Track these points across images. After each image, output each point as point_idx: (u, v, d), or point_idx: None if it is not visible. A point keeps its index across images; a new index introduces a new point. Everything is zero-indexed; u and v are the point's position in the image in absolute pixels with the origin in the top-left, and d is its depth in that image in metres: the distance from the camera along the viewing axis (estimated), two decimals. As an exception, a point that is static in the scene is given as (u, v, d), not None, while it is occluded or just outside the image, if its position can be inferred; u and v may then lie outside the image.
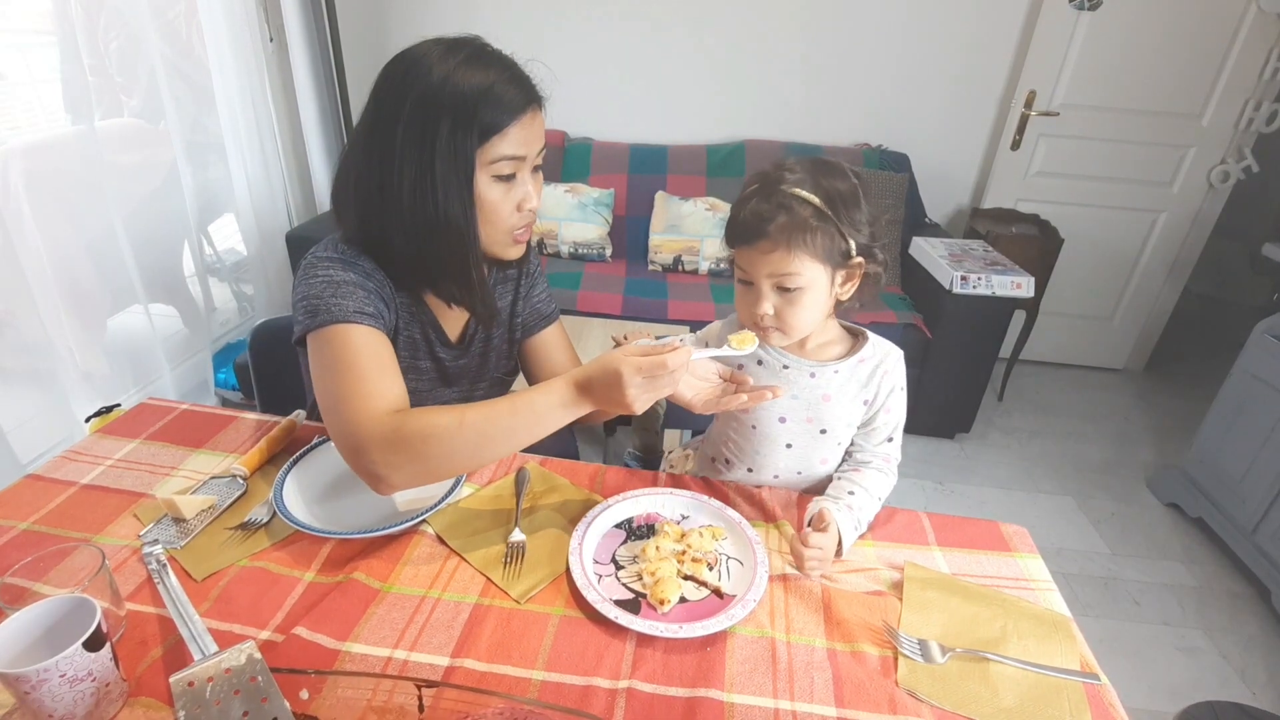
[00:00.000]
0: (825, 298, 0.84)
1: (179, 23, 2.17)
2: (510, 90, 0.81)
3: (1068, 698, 0.68)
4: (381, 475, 0.76)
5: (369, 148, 0.83)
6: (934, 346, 2.29)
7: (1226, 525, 1.97)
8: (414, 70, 0.80)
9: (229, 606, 0.72)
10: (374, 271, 0.88)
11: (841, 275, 0.84)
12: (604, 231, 2.64)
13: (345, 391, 0.79)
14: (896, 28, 2.60)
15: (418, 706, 0.59)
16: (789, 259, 0.79)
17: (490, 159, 0.81)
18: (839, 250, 0.81)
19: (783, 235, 0.78)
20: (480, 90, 0.79)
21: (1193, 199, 2.67)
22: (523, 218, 0.87)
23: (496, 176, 0.83)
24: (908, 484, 2.24)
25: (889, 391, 0.91)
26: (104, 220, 1.91)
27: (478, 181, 0.82)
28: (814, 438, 0.92)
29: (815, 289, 0.82)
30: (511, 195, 0.85)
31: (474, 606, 0.73)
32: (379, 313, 0.86)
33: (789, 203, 0.79)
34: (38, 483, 0.87)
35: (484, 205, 0.83)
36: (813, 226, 0.78)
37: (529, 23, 2.69)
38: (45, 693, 0.54)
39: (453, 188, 0.81)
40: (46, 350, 1.74)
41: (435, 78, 0.79)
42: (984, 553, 0.87)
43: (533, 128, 0.83)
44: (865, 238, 0.82)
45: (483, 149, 0.81)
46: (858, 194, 0.82)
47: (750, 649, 0.71)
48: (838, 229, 0.79)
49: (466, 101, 0.78)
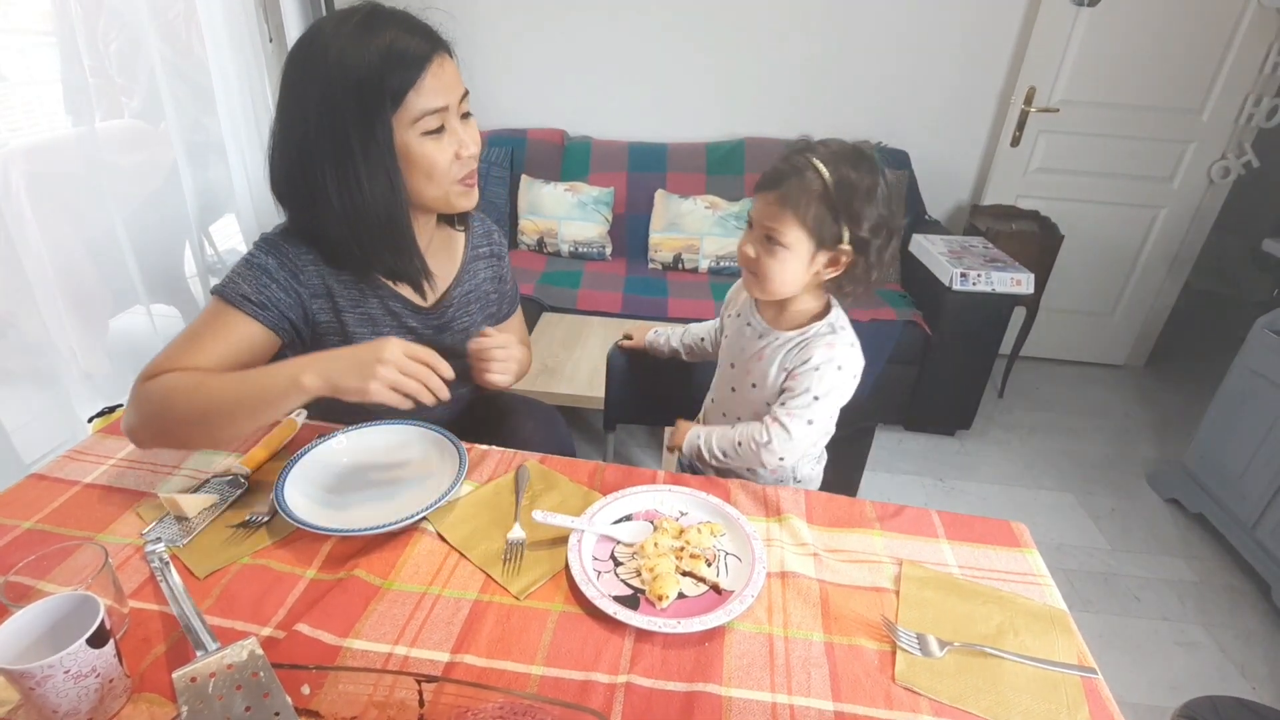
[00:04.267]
0: (804, 267, 0.89)
1: (178, 23, 2.17)
2: (411, 42, 0.80)
3: (1065, 692, 0.68)
4: (129, 425, 0.80)
5: (286, 145, 0.83)
6: (934, 343, 2.28)
7: (1227, 520, 1.97)
8: (311, 55, 0.80)
9: (231, 603, 0.72)
10: (299, 257, 0.89)
11: (827, 256, 0.88)
12: (604, 230, 2.64)
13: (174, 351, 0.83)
14: (896, 24, 2.60)
15: (418, 702, 0.60)
16: (781, 215, 0.86)
17: (412, 118, 0.81)
18: (830, 231, 0.85)
19: (786, 193, 0.85)
20: (380, 53, 0.78)
21: (1193, 194, 2.67)
22: (464, 165, 0.87)
23: (425, 133, 0.82)
24: (909, 480, 2.25)
25: (803, 363, 0.95)
26: (105, 221, 1.91)
27: (407, 144, 0.82)
28: (747, 390, 1.00)
29: (795, 254, 0.88)
30: (445, 146, 0.85)
31: (474, 603, 0.74)
32: (269, 302, 0.87)
33: (804, 169, 0.85)
34: (41, 482, 0.88)
35: (421, 164, 0.83)
36: (813, 198, 0.84)
37: (529, 23, 2.69)
38: (50, 689, 0.55)
39: (376, 169, 0.81)
40: (48, 351, 1.75)
41: (332, 57, 0.78)
42: (992, 547, 0.87)
43: (443, 75, 0.82)
44: (864, 232, 0.85)
45: (400, 112, 0.80)
46: (873, 192, 0.85)
47: (748, 644, 0.71)
48: (835, 212, 0.84)
49: (370, 71, 0.78)
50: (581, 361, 1.83)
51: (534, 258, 2.64)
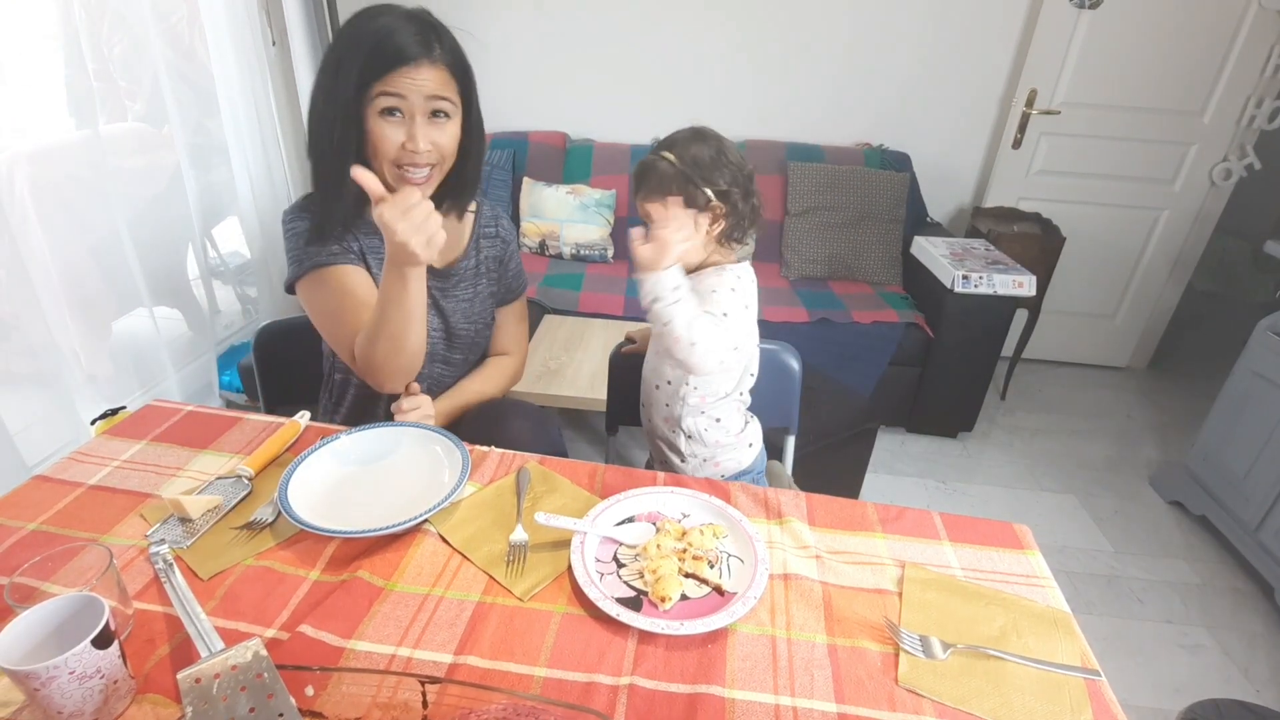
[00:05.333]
0: (693, 231, 1.04)
1: (182, 27, 2.18)
2: (406, 39, 0.91)
3: (1069, 694, 0.68)
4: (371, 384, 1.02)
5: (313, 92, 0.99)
6: (936, 346, 2.28)
7: (1229, 523, 1.97)
8: (345, 24, 0.96)
9: (235, 605, 0.72)
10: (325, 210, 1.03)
11: (707, 217, 1.05)
12: (605, 232, 2.65)
13: (331, 334, 1.05)
14: (897, 27, 2.60)
15: (422, 703, 0.60)
16: (655, 206, 1.04)
17: (374, 94, 0.93)
18: (697, 197, 1.03)
19: (650, 188, 1.04)
20: (378, 34, 0.91)
21: (1195, 196, 2.67)
22: (406, 156, 0.96)
23: (382, 110, 0.94)
24: (911, 483, 2.24)
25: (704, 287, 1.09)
26: (109, 224, 1.92)
27: (367, 115, 0.94)
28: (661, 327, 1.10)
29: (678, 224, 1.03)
30: (394, 132, 0.95)
31: (477, 604, 0.74)
32: (342, 249, 1.04)
33: (656, 164, 1.04)
34: (45, 484, 0.88)
35: (370, 136, 0.95)
36: (672, 180, 1.02)
37: (530, 25, 2.70)
38: (54, 690, 0.55)
39: (336, 114, 0.93)
40: (52, 353, 1.75)
41: (348, 25, 0.94)
42: (994, 549, 0.87)
43: (417, 75, 0.93)
44: (723, 186, 1.03)
45: (371, 85, 0.92)
46: (718, 157, 1.03)
47: (751, 646, 0.71)
48: (693, 181, 1.02)
49: (363, 42, 0.91)
50: (583, 364, 1.84)
51: (536, 260, 2.64)
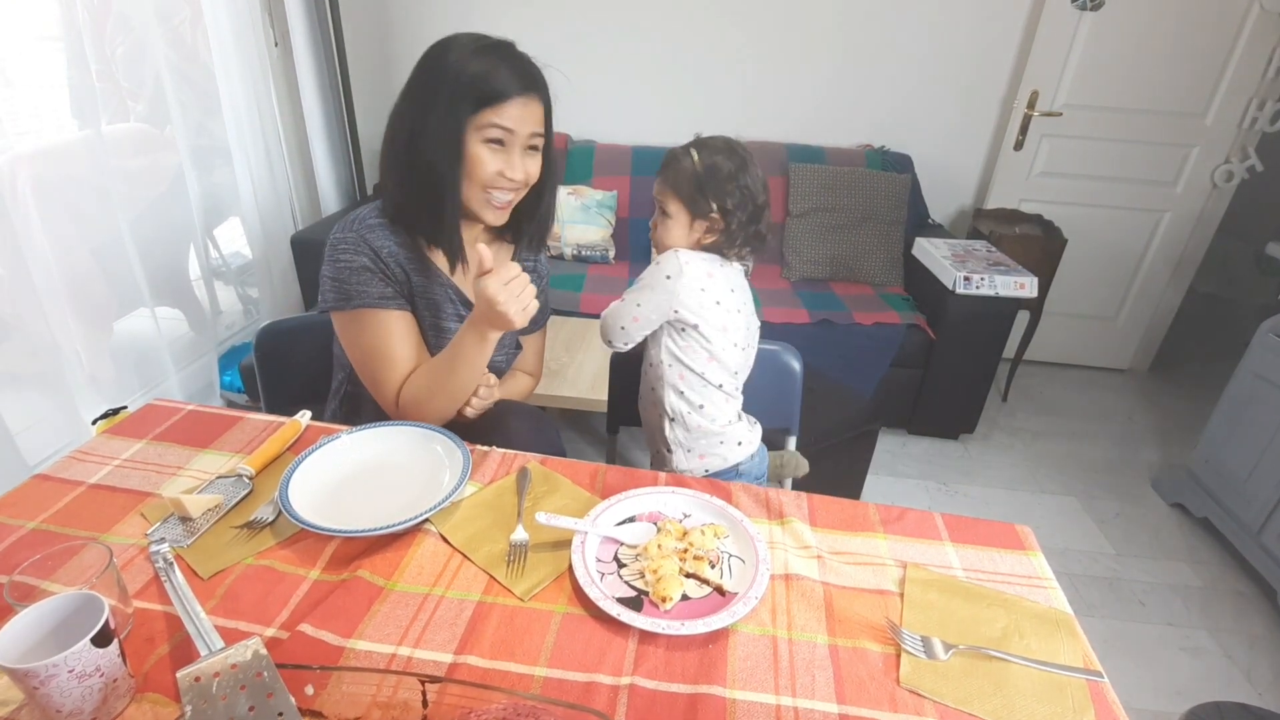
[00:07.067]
0: (685, 232, 1.12)
1: (184, 28, 2.19)
2: (510, 75, 0.97)
3: (1071, 695, 0.68)
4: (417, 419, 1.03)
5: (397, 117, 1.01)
6: (937, 347, 2.28)
7: (1232, 525, 1.96)
8: (441, 53, 0.98)
9: (235, 604, 0.72)
10: (383, 247, 1.03)
11: (704, 225, 1.11)
12: (607, 233, 2.65)
13: (370, 375, 1.06)
14: (899, 29, 2.60)
15: (422, 702, 0.60)
16: (665, 191, 1.12)
17: (480, 124, 0.97)
18: (701, 205, 1.09)
19: (668, 175, 1.12)
20: (484, 70, 0.96)
21: (1196, 198, 2.66)
22: (501, 181, 1.01)
23: (485, 140, 0.98)
24: (912, 485, 2.24)
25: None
26: (110, 224, 1.92)
27: (468, 141, 0.98)
28: None
29: (677, 221, 1.12)
30: (494, 159, 0.99)
31: (477, 604, 0.74)
32: (396, 293, 1.05)
33: (683, 158, 1.10)
34: (46, 482, 0.88)
35: (470, 160, 0.99)
36: (686, 178, 1.09)
37: (531, 26, 2.71)
38: (54, 688, 0.55)
39: (442, 142, 0.97)
40: (53, 353, 1.75)
41: (452, 58, 0.97)
42: (996, 550, 0.87)
43: (525, 110, 0.98)
44: (728, 205, 1.08)
45: (476, 116, 0.96)
46: (735, 174, 1.08)
47: (752, 646, 0.71)
48: (703, 189, 1.08)
49: (472, 78, 0.95)
50: (585, 364, 1.83)
51: (537, 261, 2.64)
